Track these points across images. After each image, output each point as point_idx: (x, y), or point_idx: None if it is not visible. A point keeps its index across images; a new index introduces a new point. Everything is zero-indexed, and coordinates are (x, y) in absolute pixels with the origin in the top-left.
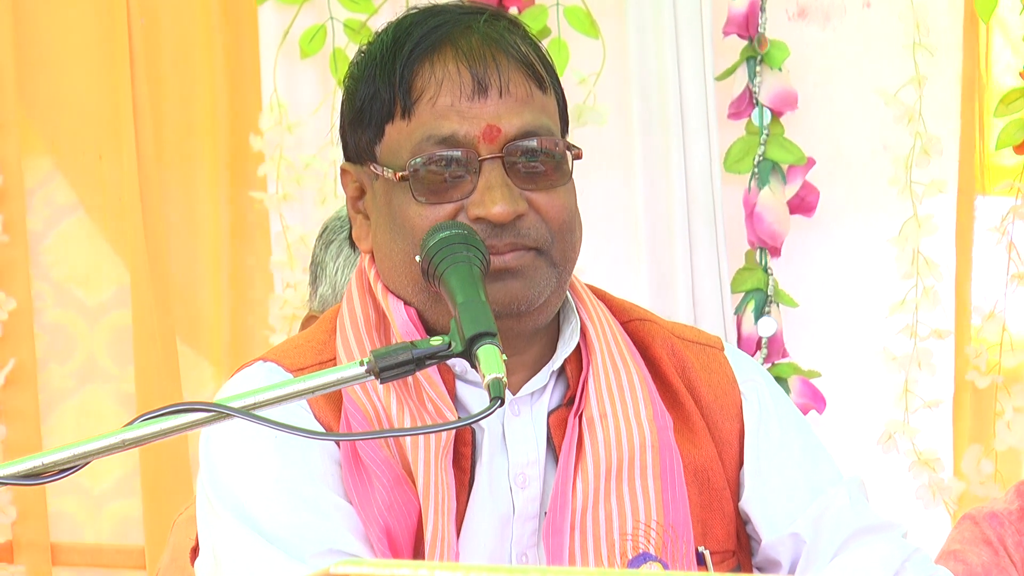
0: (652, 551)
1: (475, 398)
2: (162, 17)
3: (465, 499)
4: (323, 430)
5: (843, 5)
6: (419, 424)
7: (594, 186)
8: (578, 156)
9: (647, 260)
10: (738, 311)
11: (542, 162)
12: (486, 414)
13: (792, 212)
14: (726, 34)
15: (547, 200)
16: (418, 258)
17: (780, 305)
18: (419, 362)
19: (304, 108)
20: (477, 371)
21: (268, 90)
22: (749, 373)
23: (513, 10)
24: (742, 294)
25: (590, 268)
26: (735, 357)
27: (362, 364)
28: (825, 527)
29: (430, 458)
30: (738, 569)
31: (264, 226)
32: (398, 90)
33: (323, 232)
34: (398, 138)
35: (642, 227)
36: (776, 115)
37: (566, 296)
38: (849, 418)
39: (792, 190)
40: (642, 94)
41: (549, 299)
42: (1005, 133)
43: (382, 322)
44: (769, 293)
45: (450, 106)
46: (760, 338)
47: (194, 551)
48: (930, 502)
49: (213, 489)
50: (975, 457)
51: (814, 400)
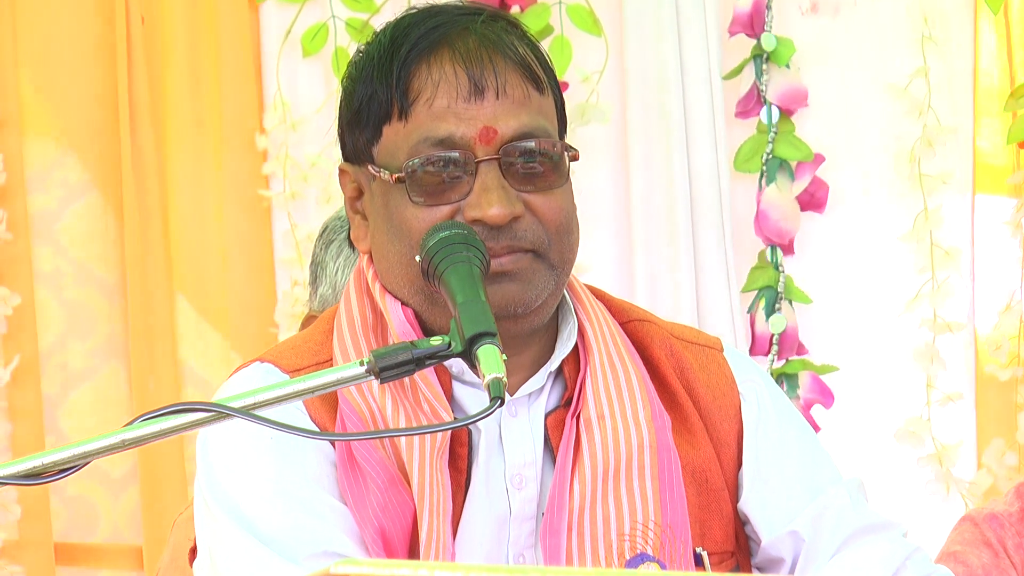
0: (650, 551)
1: (471, 399)
2: (163, 15)
3: (461, 500)
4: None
5: None
6: (415, 425)
7: (597, 184)
8: (575, 158)
9: (650, 259)
10: (751, 309)
11: (539, 163)
12: (486, 414)
13: (803, 208)
14: (732, 34)
15: (544, 202)
16: (418, 258)
17: (794, 302)
18: (419, 362)
19: (307, 106)
20: (477, 371)
21: (271, 89)
22: (748, 374)
23: (515, 8)
24: (755, 293)
25: (593, 266)
26: (734, 358)
27: (362, 364)
28: (825, 526)
29: (425, 459)
30: (736, 570)
31: (269, 224)
32: (395, 91)
33: (323, 232)
34: (395, 139)
35: (646, 226)
36: (786, 112)
37: (564, 296)
38: (867, 413)
39: (800, 186)
40: (645, 93)
41: (546, 301)
42: (1017, 127)
43: (379, 323)
44: (780, 290)
45: (447, 108)
46: (781, 335)
47: (193, 551)
48: (946, 496)
49: (209, 490)
50: (998, 450)
51: (822, 395)
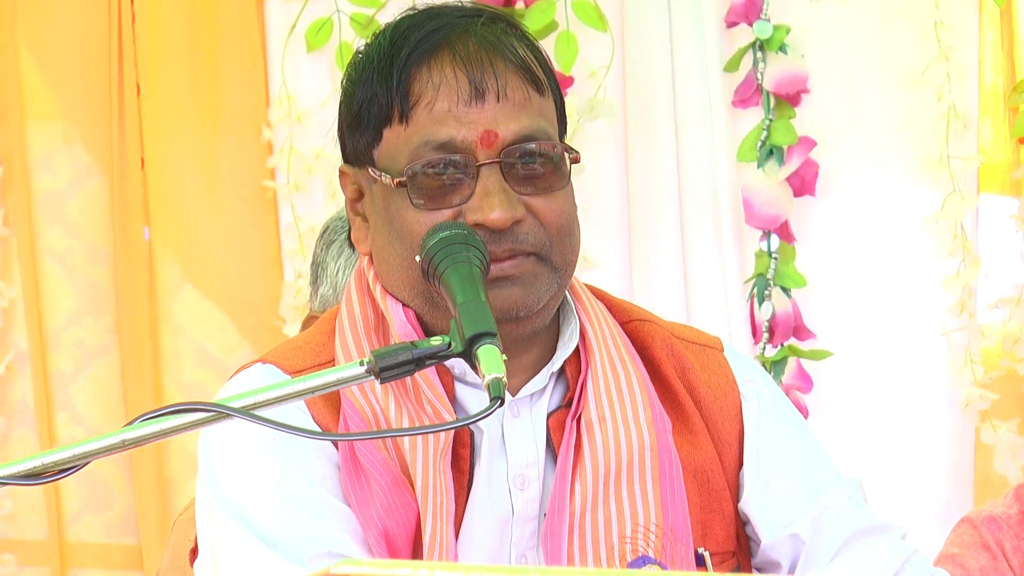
0: (651, 554)
1: (474, 399)
2: (168, 9)
3: (464, 501)
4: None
5: None
6: (417, 426)
7: (602, 176)
8: (576, 160)
9: (656, 252)
10: (750, 298)
11: (540, 166)
12: (486, 414)
13: (797, 193)
14: (729, 24)
15: (545, 204)
16: (418, 258)
17: (796, 288)
18: (419, 362)
19: (312, 100)
20: (477, 371)
21: (276, 82)
22: (748, 374)
23: (520, 4)
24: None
25: (602, 260)
26: (734, 358)
27: (362, 364)
28: (824, 528)
29: (428, 460)
30: (738, 570)
31: (273, 217)
32: (395, 95)
33: (324, 232)
34: (396, 143)
35: (650, 219)
36: (786, 99)
37: (565, 297)
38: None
39: (788, 171)
40: (649, 86)
41: (548, 303)
42: (1020, 122)
43: (381, 324)
44: (769, 277)
45: (447, 111)
46: (770, 322)
47: (193, 552)
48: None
49: (211, 491)
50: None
51: (801, 380)
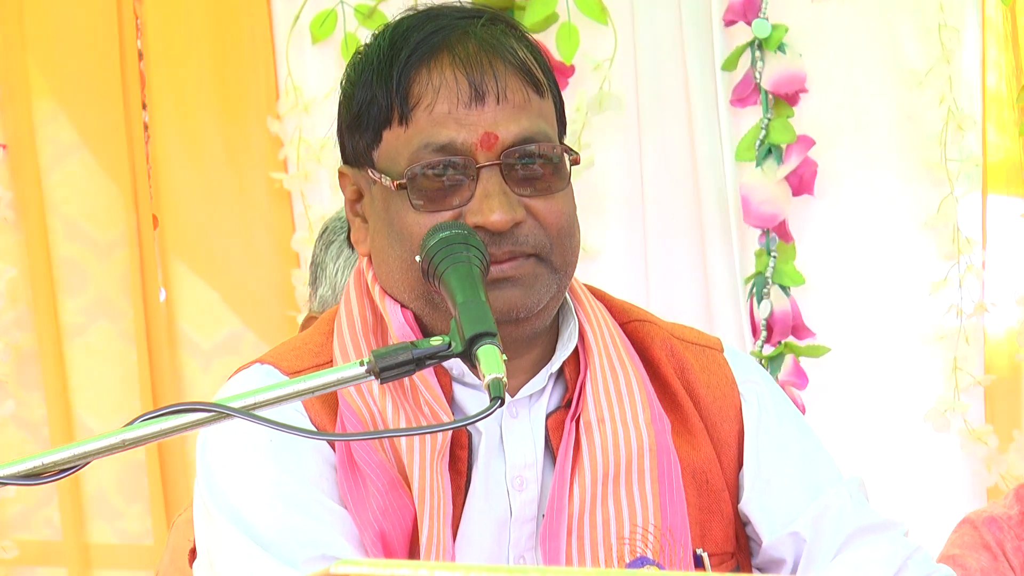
0: (650, 555)
1: (472, 401)
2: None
3: (461, 503)
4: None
5: None
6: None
7: (604, 173)
8: (576, 161)
9: (658, 248)
10: (749, 297)
11: (540, 168)
12: (486, 414)
13: (796, 192)
14: (727, 23)
15: (545, 206)
16: (418, 258)
17: (795, 286)
18: (419, 362)
19: (318, 92)
20: (477, 371)
21: (282, 74)
22: (748, 374)
23: None
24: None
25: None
26: (734, 358)
27: (362, 364)
28: (826, 526)
29: (425, 461)
30: (737, 570)
31: (285, 208)
32: (395, 97)
33: (323, 232)
34: (396, 145)
35: (653, 216)
36: (784, 98)
37: (565, 298)
38: (894, 398)
39: (786, 169)
40: (649, 82)
41: (548, 304)
42: None
43: (379, 325)
44: (767, 275)
45: (447, 113)
46: (768, 320)
47: (193, 552)
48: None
49: (209, 493)
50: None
51: (797, 377)
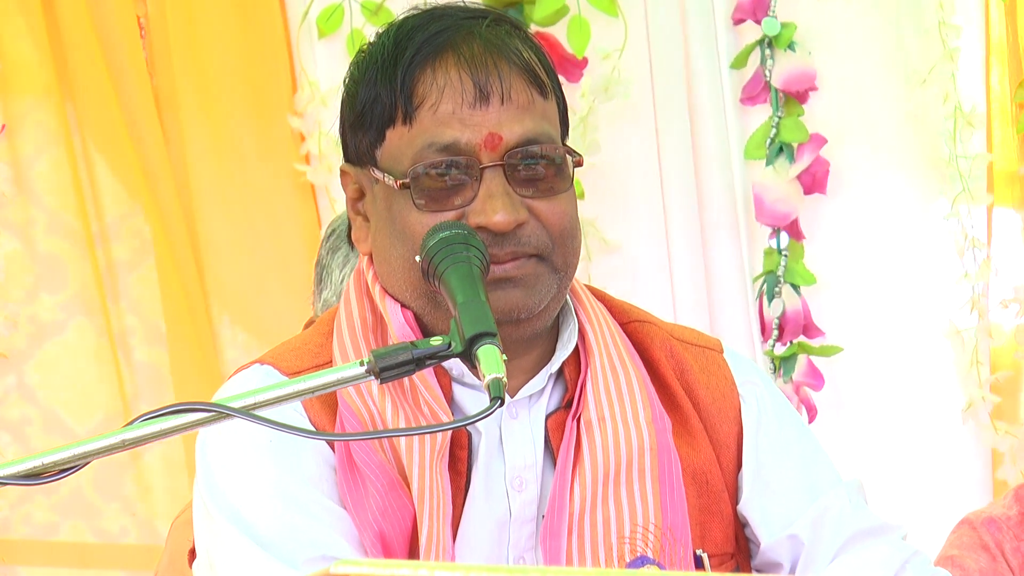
0: (650, 554)
1: (472, 401)
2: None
3: (461, 503)
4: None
5: None
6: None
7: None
8: (579, 163)
9: (659, 246)
10: (759, 296)
11: (543, 168)
12: (486, 414)
13: (807, 191)
14: (736, 21)
15: (548, 207)
16: (418, 258)
17: (808, 286)
18: (419, 362)
19: (328, 86)
20: (477, 371)
21: (296, 69)
22: (748, 376)
23: None
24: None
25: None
26: (734, 360)
27: (362, 364)
28: (824, 529)
29: (425, 462)
30: (736, 571)
31: (310, 202)
32: (399, 96)
33: (330, 236)
34: (399, 144)
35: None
36: (795, 96)
37: (565, 298)
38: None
39: (799, 168)
40: (658, 78)
41: (549, 305)
42: None
43: (379, 325)
44: (779, 274)
45: (452, 113)
46: (780, 319)
47: (192, 552)
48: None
49: (209, 493)
50: None
51: (813, 378)
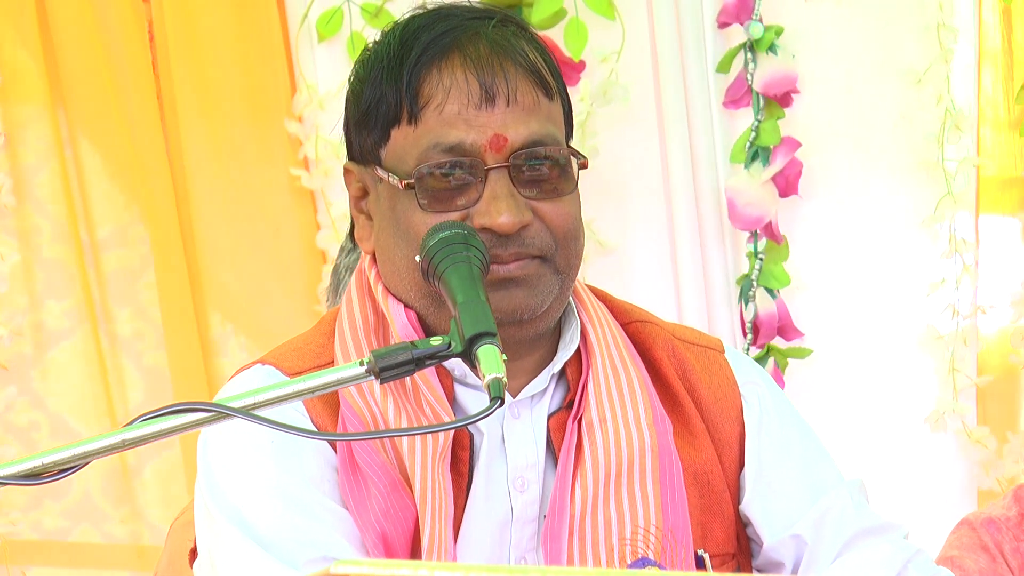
0: (651, 555)
1: (473, 402)
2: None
3: (463, 504)
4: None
5: None
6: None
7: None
8: (584, 165)
9: (658, 246)
10: (740, 298)
11: (548, 170)
12: (486, 414)
13: (782, 194)
14: (721, 25)
15: (552, 209)
16: (418, 258)
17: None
18: (419, 362)
19: (328, 88)
20: (477, 371)
21: (294, 72)
22: (749, 375)
23: None
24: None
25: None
26: (735, 359)
27: (362, 364)
28: (826, 529)
29: (427, 462)
30: (738, 571)
31: (306, 207)
32: (405, 95)
33: (351, 251)
34: (404, 144)
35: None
36: (776, 100)
37: (568, 299)
38: (886, 400)
39: (771, 171)
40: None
41: (551, 306)
42: None
43: (381, 325)
44: (753, 278)
45: (457, 114)
46: (753, 321)
47: (193, 552)
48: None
49: (210, 493)
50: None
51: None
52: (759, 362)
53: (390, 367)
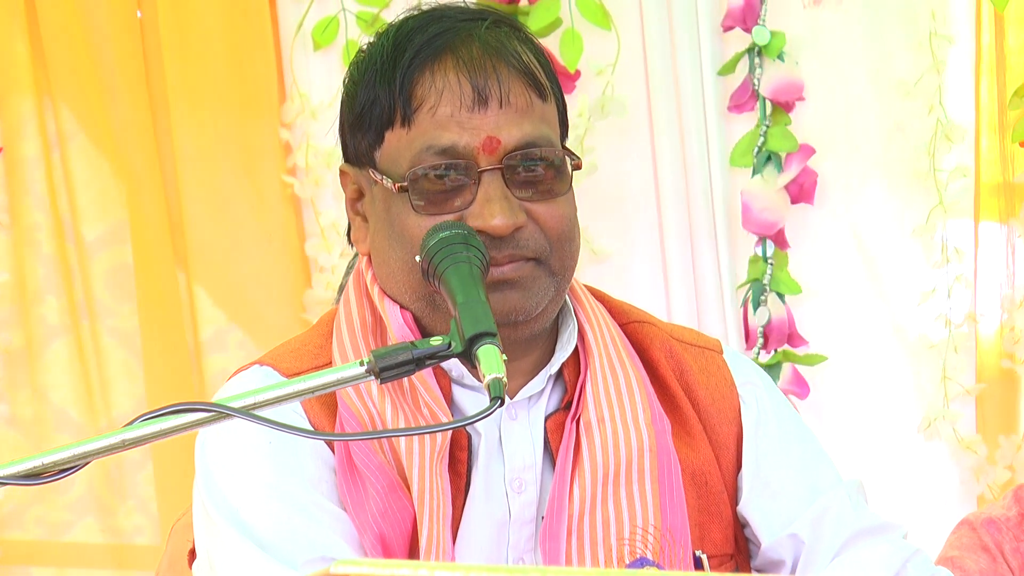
0: (649, 556)
1: (472, 402)
2: (180, 7)
3: (461, 505)
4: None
5: None
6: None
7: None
8: (577, 166)
9: (662, 248)
10: (743, 303)
11: (542, 171)
12: (486, 414)
13: (794, 201)
14: (726, 29)
15: (546, 210)
16: (418, 258)
17: (792, 295)
18: (419, 362)
19: (323, 98)
20: (477, 371)
21: (287, 80)
22: (747, 376)
23: (524, 1)
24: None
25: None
26: (733, 360)
27: (362, 364)
28: (825, 528)
29: (425, 463)
30: (736, 572)
31: (295, 215)
32: (398, 98)
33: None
34: (397, 146)
35: (645, 220)
36: (781, 106)
37: (565, 299)
38: (885, 408)
39: (788, 177)
40: (654, 86)
41: (547, 308)
42: (1022, 126)
43: (378, 326)
44: (765, 283)
45: (450, 116)
46: (765, 327)
47: (192, 553)
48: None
49: (208, 494)
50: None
51: (798, 386)
52: (769, 369)
53: (390, 367)
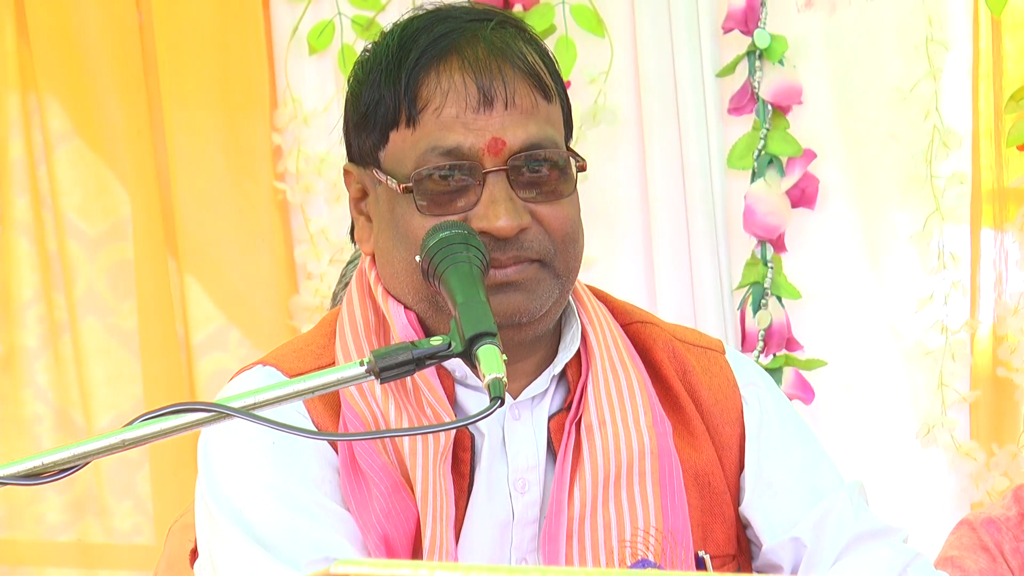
0: (651, 557)
1: (475, 403)
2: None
3: (464, 505)
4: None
5: None
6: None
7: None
8: (582, 168)
9: (650, 256)
10: (740, 306)
11: (547, 172)
12: (486, 414)
13: (795, 205)
14: (726, 31)
15: (551, 212)
16: (418, 258)
17: (787, 299)
18: (419, 362)
19: (317, 103)
20: (477, 371)
21: (280, 85)
22: (750, 377)
23: (518, 8)
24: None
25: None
26: (736, 360)
27: (362, 364)
28: (826, 532)
29: (428, 463)
30: (739, 572)
31: (284, 221)
32: (403, 98)
33: (355, 259)
34: (402, 146)
35: (642, 223)
36: (780, 109)
37: (568, 300)
38: (880, 414)
39: (790, 182)
40: (643, 92)
41: (550, 309)
42: (1017, 130)
43: (382, 326)
44: (766, 286)
45: (455, 117)
46: (765, 331)
47: (193, 553)
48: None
49: (210, 494)
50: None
51: (803, 391)
52: (770, 372)
53: (390, 367)
